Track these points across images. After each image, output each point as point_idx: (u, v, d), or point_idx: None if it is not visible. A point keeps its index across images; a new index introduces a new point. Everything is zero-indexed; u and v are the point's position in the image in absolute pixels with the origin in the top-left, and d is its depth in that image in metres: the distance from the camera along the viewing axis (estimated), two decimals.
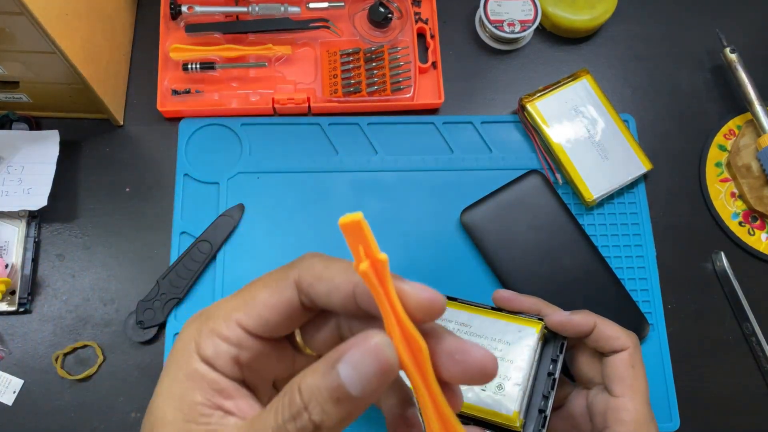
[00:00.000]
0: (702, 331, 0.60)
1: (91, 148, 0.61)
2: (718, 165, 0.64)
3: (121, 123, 0.62)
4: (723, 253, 0.60)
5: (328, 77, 0.62)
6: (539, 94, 0.62)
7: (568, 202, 0.60)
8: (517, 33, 0.64)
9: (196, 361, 0.25)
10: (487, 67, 0.66)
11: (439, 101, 0.63)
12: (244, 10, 0.62)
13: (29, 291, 0.56)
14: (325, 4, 0.63)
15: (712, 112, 0.66)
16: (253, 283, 0.26)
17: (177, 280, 0.56)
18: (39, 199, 0.55)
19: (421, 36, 0.65)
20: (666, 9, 0.69)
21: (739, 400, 0.58)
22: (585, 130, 0.61)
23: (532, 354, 0.46)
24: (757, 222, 0.63)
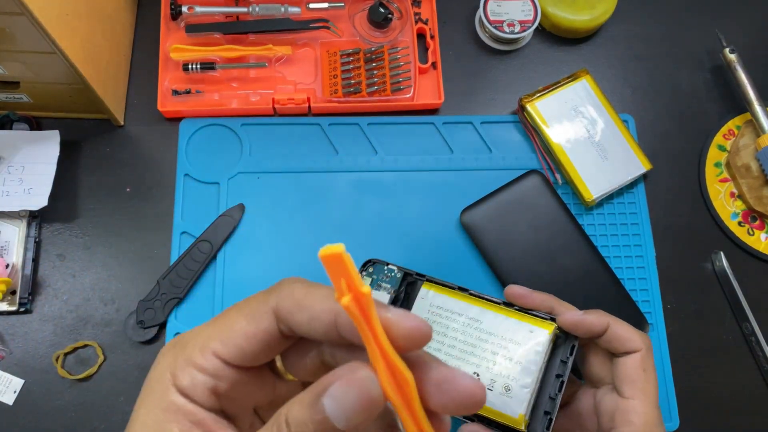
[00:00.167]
0: (701, 331, 0.60)
1: (91, 148, 0.61)
2: (718, 165, 0.64)
3: (122, 123, 0.62)
4: (722, 253, 0.60)
5: (328, 77, 0.62)
6: (539, 95, 0.62)
7: (567, 202, 0.60)
8: (517, 33, 0.64)
9: (172, 392, 0.24)
10: (486, 67, 0.66)
11: (438, 101, 0.63)
12: (245, 10, 0.62)
13: (30, 291, 0.56)
14: (325, 5, 0.63)
15: (711, 112, 0.66)
16: (230, 309, 0.26)
17: (177, 280, 0.56)
18: (39, 199, 0.55)
19: (421, 36, 0.65)
20: (666, 9, 0.69)
21: (739, 400, 0.58)
22: (585, 130, 0.61)
23: (542, 357, 0.45)
24: (757, 222, 0.63)
